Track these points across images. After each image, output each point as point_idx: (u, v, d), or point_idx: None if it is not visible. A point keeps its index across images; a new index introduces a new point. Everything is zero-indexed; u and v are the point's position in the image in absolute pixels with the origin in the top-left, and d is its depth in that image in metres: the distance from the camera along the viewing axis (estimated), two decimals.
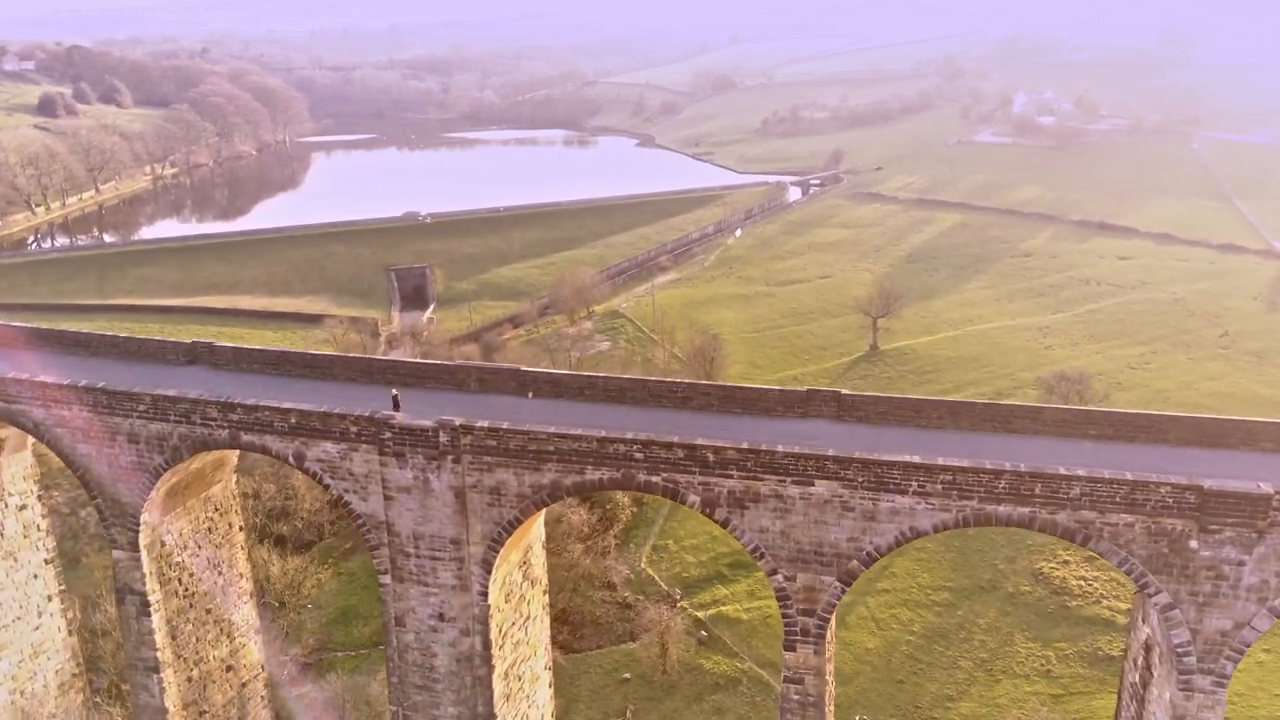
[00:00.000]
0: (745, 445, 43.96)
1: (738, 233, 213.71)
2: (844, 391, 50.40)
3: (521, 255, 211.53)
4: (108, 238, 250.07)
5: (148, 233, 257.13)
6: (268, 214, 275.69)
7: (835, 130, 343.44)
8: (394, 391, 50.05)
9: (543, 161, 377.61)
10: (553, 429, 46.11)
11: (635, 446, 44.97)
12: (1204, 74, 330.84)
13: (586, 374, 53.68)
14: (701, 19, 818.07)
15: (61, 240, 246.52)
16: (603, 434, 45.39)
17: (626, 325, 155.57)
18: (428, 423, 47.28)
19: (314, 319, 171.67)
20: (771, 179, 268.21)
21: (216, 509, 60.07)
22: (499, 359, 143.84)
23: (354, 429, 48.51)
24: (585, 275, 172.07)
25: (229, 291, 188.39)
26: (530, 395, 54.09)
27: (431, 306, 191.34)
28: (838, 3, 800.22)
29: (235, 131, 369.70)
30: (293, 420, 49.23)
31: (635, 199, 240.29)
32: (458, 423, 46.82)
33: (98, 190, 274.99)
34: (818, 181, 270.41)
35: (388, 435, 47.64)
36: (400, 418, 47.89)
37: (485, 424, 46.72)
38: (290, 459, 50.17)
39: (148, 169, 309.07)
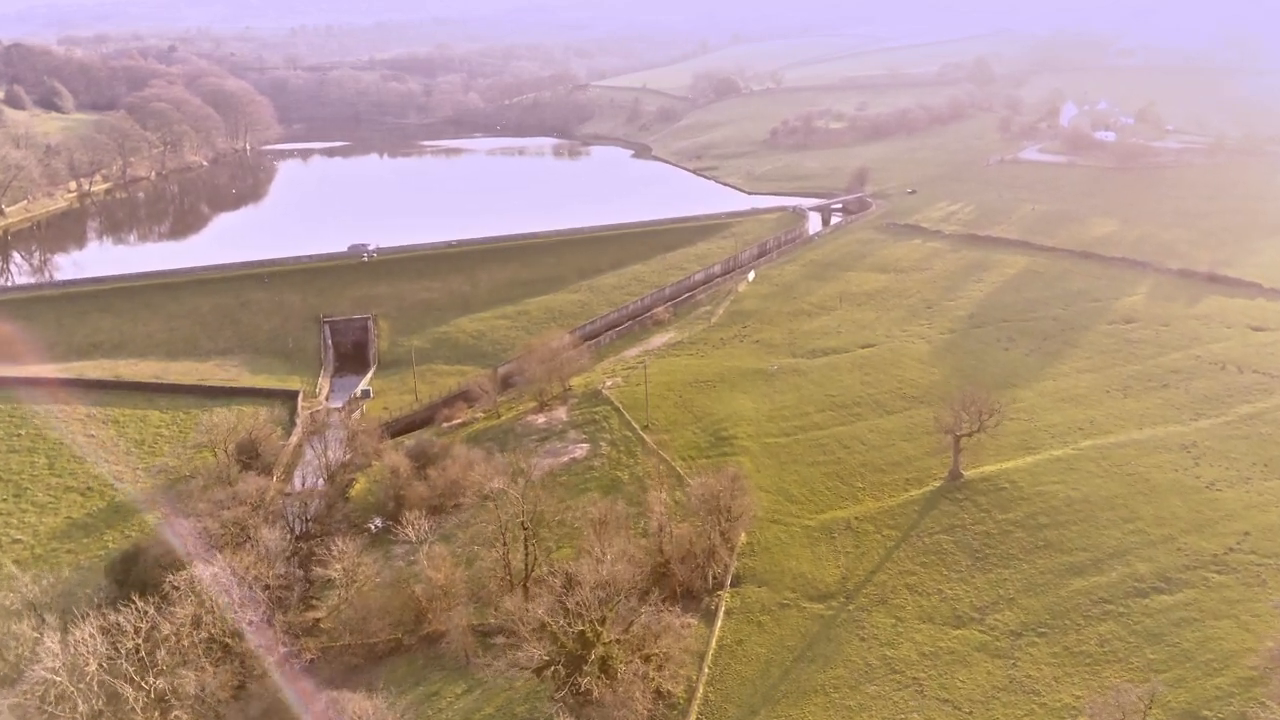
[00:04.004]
0: None
1: (750, 275, 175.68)
2: None
3: (488, 301, 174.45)
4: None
5: (65, 262, 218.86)
6: (208, 240, 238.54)
7: (854, 142, 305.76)
8: None
9: (528, 175, 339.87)
10: None
11: None
12: (1276, 83, 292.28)
13: None
14: (701, 17, 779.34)
15: None
16: None
17: (611, 417, 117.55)
18: None
19: (219, 393, 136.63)
20: (787, 203, 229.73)
21: None
22: (434, 473, 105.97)
23: None
24: (559, 341, 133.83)
25: (114, 354, 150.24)
26: None
27: (371, 371, 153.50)
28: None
29: (185, 140, 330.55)
30: None
31: (627, 228, 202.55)
32: None
33: (2, 213, 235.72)
34: (839, 206, 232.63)
35: None
36: None
37: None
38: None
39: (71, 185, 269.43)
